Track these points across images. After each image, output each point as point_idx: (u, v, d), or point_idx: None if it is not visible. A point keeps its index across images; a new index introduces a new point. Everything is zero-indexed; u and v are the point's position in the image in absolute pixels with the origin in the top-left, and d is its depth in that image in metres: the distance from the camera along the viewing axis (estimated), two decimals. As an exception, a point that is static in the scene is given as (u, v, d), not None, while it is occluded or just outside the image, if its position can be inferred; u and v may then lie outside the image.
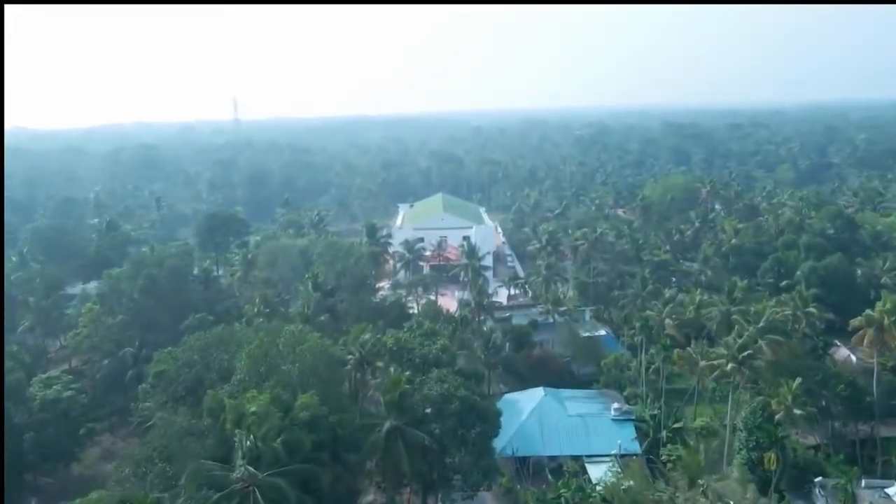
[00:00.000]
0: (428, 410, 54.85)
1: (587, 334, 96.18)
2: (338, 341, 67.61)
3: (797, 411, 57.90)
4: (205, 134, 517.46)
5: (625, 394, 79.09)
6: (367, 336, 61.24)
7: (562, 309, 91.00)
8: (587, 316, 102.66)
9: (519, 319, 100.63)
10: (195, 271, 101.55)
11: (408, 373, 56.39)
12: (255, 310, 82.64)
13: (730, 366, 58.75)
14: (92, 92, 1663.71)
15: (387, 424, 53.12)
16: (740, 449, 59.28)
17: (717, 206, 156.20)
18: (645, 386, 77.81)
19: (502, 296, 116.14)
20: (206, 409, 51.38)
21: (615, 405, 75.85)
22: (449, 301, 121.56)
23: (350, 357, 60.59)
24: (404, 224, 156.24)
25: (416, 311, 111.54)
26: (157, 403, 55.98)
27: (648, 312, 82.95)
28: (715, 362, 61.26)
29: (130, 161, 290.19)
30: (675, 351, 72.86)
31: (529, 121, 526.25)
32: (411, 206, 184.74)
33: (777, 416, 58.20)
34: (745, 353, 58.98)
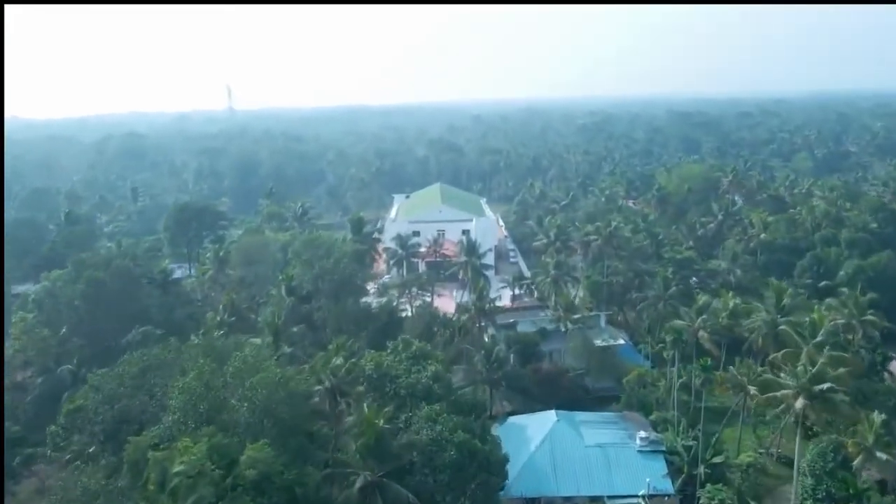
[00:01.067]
0: (415, 457, 42.98)
1: (603, 343, 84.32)
2: (313, 357, 55.99)
3: (881, 455, 45.91)
4: (198, 123, 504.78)
5: (651, 418, 67.28)
6: (338, 361, 49.15)
7: (576, 317, 78.97)
8: (602, 321, 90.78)
9: (525, 326, 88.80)
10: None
11: (388, 408, 44.51)
12: (219, 318, 70.84)
13: (800, 402, 46.62)
14: (89, 82, 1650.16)
15: (361, 478, 41.30)
16: (805, 499, 47.54)
17: (737, 198, 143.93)
18: (676, 409, 65.98)
19: (505, 297, 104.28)
20: (126, 462, 39.62)
21: (641, 434, 64.04)
22: (447, 302, 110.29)
23: (318, 388, 48.59)
24: (399, 216, 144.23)
25: (410, 314, 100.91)
26: (73, 449, 44.02)
27: (678, 322, 70.90)
28: (779, 394, 49.06)
29: (117, 150, 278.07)
30: (718, 374, 60.71)
31: (531, 110, 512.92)
32: (407, 196, 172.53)
33: (855, 463, 46.33)
34: (824, 387, 46.20)
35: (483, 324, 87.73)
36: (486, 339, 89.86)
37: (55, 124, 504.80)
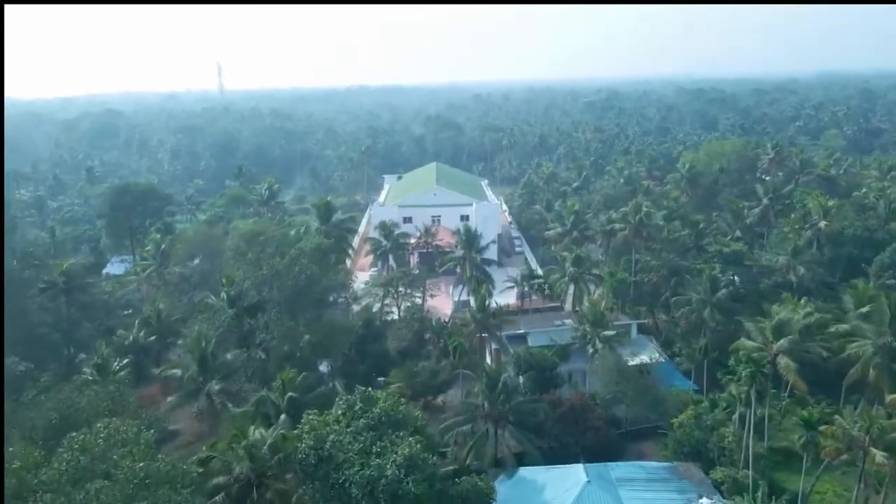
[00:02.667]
0: None
1: (637, 360, 66.11)
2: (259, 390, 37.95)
3: None
4: (187, 102, 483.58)
5: (715, 476, 49.49)
6: (257, 434, 30.94)
7: (608, 333, 60.65)
8: (633, 331, 72.60)
9: (538, 339, 70.79)
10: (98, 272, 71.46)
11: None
12: (132, 338, 52.74)
13: None
14: (81, 62, 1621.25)
15: None
16: None
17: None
18: (751, 466, 47.94)
19: (509, 297, 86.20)
20: None
21: (704, 501, 46.35)
22: (442, 301, 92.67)
23: (222, 480, 30.41)
24: (388, 200, 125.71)
25: (396, 316, 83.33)
26: None
27: (748, 343, 52.68)
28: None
29: (90, 129, 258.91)
30: (825, 428, 42.41)
31: (534, 89, 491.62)
32: (399, 178, 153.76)
33: None
34: None
35: (484, 334, 70.00)
36: (489, 358, 72.06)
37: (38, 104, 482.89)
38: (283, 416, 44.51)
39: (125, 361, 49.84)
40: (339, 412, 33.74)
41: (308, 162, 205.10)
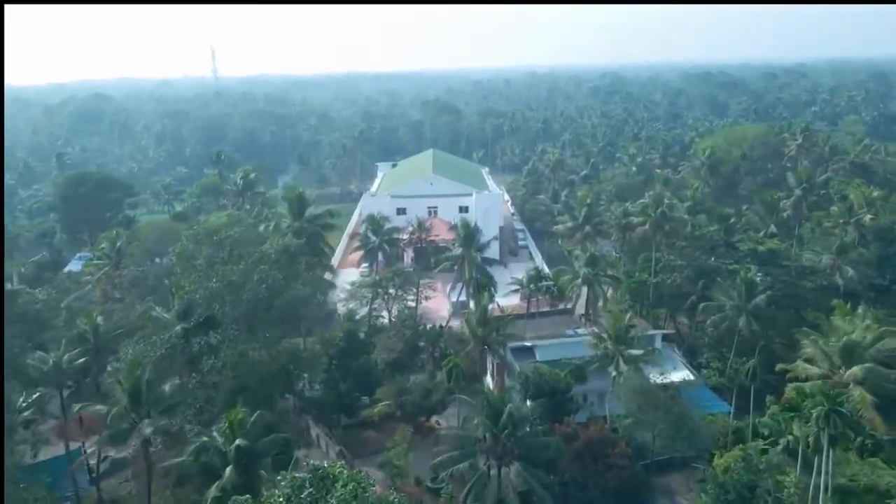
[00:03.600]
0: None
1: (663, 379, 56.27)
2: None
3: None
4: (180, 88, 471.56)
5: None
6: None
7: (633, 353, 50.72)
8: (657, 342, 62.75)
9: (547, 353, 61.04)
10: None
11: None
12: (52, 362, 42.96)
13: None
14: (78, 49, 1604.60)
15: None
16: None
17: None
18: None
19: (513, 297, 76.47)
20: None
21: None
22: (438, 303, 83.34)
23: None
24: (380, 190, 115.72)
25: (387, 321, 74.20)
26: None
27: (809, 368, 42.94)
28: None
29: (73, 114, 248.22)
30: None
31: (536, 74, 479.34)
32: (394, 165, 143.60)
33: None
34: None
35: (485, 347, 60.28)
36: (490, 375, 62.35)
37: (29, 90, 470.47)
38: (229, 470, 35.07)
39: (35, 396, 40.12)
40: (280, 501, 23.97)
41: (301, 149, 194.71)
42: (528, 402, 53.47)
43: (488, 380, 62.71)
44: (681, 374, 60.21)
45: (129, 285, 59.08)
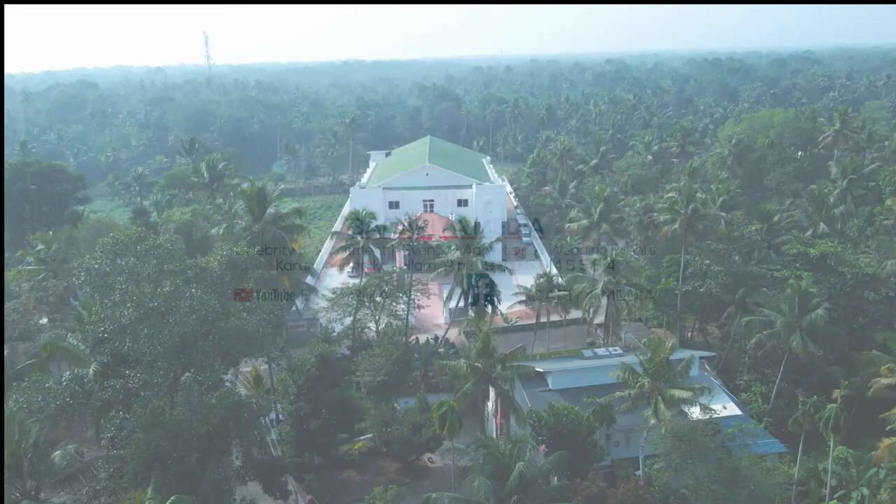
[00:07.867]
0: None
1: (707, 414, 45.51)
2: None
3: None
4: (173, 76, 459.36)
5: None
6: None
7: (678, 395, 39.93)
8: (696, 368, 52.21)
9: (561, 381, 50.63)
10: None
11: None
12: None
13: None
14: (74, 37, 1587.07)
15: None
16: None
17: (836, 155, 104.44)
18: None
19: (518, 307, 65.93)
20: None
21: None
22: (433, 309, 73.73)
23: None
24: (370, 182, 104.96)
25: (374, 333, 64.67)
26: None
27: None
28: None
29: (56, 102, 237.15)
30: None
31: (538, 61, 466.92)
32: (388, 154, 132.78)
33: None
34: None
35: (491, 376, 49.81)
36: (491, 412, 51.87)
37: (17, 77, 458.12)
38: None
39: None
40: None
41: (290, 138, 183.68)
42: (541, 448, 43.17)
43: (489, 408, 52.27)
44: (722, 403, 49.82)
45: (56, 301, 48.48)
